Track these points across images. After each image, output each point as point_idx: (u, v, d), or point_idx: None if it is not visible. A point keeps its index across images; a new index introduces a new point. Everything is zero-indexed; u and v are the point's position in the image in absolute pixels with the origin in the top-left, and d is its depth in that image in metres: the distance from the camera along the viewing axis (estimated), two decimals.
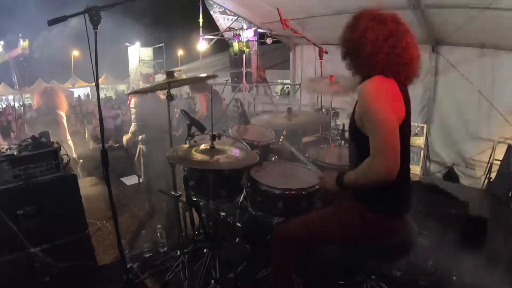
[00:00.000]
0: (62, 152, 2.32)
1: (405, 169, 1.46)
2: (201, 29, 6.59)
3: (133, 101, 4.13)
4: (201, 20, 6.54)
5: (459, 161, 4.57)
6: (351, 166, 1.62)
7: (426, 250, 2.35)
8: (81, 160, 3.76)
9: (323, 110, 3.40)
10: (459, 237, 2.49)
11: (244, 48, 6.13)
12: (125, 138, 4.13)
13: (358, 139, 1.47)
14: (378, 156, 1.31)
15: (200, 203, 2.07)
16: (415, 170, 4.63)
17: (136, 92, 4.26)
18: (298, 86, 6.00)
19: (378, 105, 1.34)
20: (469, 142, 4.46)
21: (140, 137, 3.96)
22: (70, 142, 3.58)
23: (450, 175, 4.59)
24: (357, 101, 1.48)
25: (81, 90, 16.77)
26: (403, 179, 1.44)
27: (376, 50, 1.40)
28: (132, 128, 4.04)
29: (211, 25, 8.14)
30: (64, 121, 3.48)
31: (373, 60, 1.41)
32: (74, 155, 3.54)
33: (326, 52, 2.82)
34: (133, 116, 3.94)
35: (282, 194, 1.92)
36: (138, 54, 14.54)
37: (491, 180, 4.08)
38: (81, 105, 9.76)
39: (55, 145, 2.25)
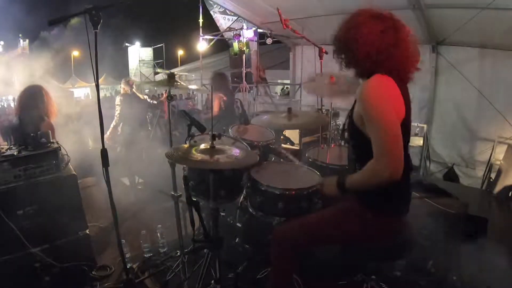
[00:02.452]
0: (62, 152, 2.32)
1: (405, 169, 1.47)
2: (201, 29, 6.59)
3: (118, 99, 4.40)
4: (201, 20, 6.54)
5: (459, 161, 4.57)
6: (350, 166, 1.62)
7: (426, 250, 2.35)
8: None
9: (323, 110, 3.40)
10: (459, 237, 2.49)
11: (244, 48, 6.13)
12: (105, 137, 4.41)
13: (358, 139, 1.46)
14: (382, 159, 1.31)
15: (200, 203, 2.07)
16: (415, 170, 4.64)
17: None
18: (298, 86, 6.00)
19: (381, 107, 1.34)
20: (469, 142, 4.46)
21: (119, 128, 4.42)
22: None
23: (450, 175, 4.59)
24: (355, 101, 1.47)
25: (81, 90, 16.75)
26: (403, 179, 1.45)
27: (373, 47, 1.38)
28: (114, 122, 4.31)
29: (211, 25, 8.14)
30: (54, 131, 2.64)
31: (370, 58, 1.40)
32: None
33: (326, 52, 2.82)
34: (117, 112, 4.25)
35: (282, 194, 1.92)
36: (138, 54, 14.58)
37: (491, 180, 4.08)
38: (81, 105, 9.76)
39: (55, 145, 2.25)
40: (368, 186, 1.40)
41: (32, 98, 2.78)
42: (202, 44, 6.83)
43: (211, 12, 8.09)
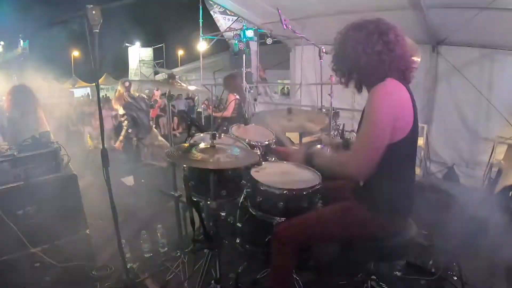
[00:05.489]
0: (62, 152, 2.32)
1: (409, 174, 1.49)
2: (201, 29, 6.60)
3: (120, 109, 4.38)
4: (201, 20, 6.55)
5: (459, 161, 4.57)
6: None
7: (426, 250, 2.35)
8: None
9: (323, 110, 3.40)
10: (459, 237, 2.49)
11: (244, 48, 6.15)
12: (118, 143, 4.44)
13: None
14: (358, 156, 1.37)
15: (200, 203, 2.07)
16: (415, 170, 4.63)
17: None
18: (298, 86, 6.00)
19: (379, 109, 1.34)
20: (469, 142, 4.46)
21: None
22: None
23: (450, 175, 4.59)
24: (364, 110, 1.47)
25: (81, 90, 16.75)
26: (407, 183, 1.47)
27: (362, 55, 1.38)
28: (124, 132, 4.30)
29: (211, 25, 8.15)
30: (44, 121, 3.14)
31: (371, 67, 1.39)
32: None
33: (326, 52, 2.82)
34: (125, 122, 4.25)
35: (282, 194, 1.92)
36: (138, 54, 14.58)
37: (491, 180, 4.07)
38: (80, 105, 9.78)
39: (55, 145, 2.25)
40: (336, 171, 1.52)
41: (25, 95, 3.14)
42: (202, 44, 6.84)
43: (211, 12, 8.09)
